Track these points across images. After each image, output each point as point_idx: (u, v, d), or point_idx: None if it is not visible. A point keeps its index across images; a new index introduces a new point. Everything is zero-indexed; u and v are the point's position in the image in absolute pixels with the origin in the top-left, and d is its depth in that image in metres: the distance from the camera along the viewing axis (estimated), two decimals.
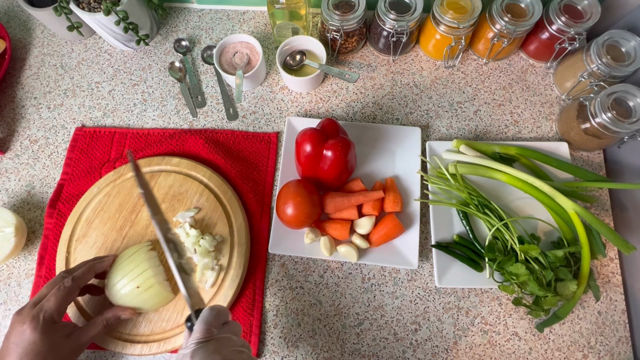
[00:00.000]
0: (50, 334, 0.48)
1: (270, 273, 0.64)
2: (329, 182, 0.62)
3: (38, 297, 0.50)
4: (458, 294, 0.62)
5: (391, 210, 0.63)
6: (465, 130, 0.71)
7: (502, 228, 0.59)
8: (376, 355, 0.60)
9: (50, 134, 0.74)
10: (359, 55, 0.78)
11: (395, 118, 0.73)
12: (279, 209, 0.60)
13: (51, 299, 0.49)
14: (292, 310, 0.62)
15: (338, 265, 0.64)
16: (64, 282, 0.50)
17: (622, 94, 0.59)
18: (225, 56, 0.73)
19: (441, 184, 0.64)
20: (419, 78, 0.75)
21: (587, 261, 0.56)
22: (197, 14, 0.83)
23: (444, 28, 0.68)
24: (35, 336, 0.46)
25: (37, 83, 0.78)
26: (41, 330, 0.47)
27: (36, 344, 0.46)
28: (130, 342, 0.59)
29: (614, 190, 0.66)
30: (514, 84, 0.74)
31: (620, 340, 0.60)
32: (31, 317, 0.47)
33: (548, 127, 0.71)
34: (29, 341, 0.46)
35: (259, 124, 0.73)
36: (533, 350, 0.59)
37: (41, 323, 0.47)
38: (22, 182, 0.71)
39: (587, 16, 0.65)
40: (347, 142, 0.58)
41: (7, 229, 0.63)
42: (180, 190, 0.67)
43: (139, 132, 0.73)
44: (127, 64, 0.79)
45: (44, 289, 0.50)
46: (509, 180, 0.61)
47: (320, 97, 0.75)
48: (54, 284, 0.51)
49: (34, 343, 0.46)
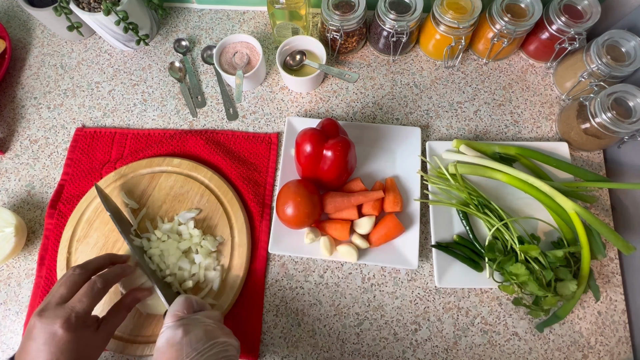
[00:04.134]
0: (82, 331, 0.48)
1: (270, 273, 0.64)
2: (329, 182, 0.62)
3: (59, 297, 0.49)
4: (458, 294, 0.62)
5: (391, 210, 0.63)
6: (465, 130, 0.71)
7: (502, 228, 0.59)
8: (376, 355, 0.60)
9: (50, 134, 0.74)
10: (359, 55, 0.78)
11: (395, 118, 0.73)
12: (279, 209, 0.60)
13: (84, 300, 0.49)
14: (292, 310, 0.62)
15: (338, 265, 0.64)
16: (97, 284, 0.50)
17: (622, 94, 0.59)
18: (225, 56, 0.73)
19: (441, 184, 0.64)
20: (419, 78, 0.75)
21: (587, 261, 0.56)
22: (197, 14, 0.83)
23: (444, 28, 0.68)
24: (69, 336, 0.46)
25: (37, 83, 0.78)
26: (74, 329, 0.47)
27: (71, 342, 0.46)
28: (132, 343, 0.59)
29: (614, 190, 0.66)
30: (514, 84, 0.74)
31: (620, 340, 0.60)
32: (63, 319, 0.46)
33: (548, 127, 0.71)
34: (63, 341, 0.46)
35: (259, 124, 0.73)
36: (533, 350, 0.59)
37: (74, 324, 0.47)
38: (22, 182, 0.71)
39: (587, 16, 0.65)
40: (347, 142, 0.58)
41: (7, 229, 0.63)
42: (181, 191, 0.67)
43: (140, 132, 0.73)
44: (127, 64, 0.79)
45: (61, 288, 0.49)
46: (509, 180, 0.61)
47: (320, 97, 0.75)
48: (73, 283, 0.50)
49: (69, 342, 0.46)
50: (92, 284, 0.50)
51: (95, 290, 0.50)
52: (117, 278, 0.54)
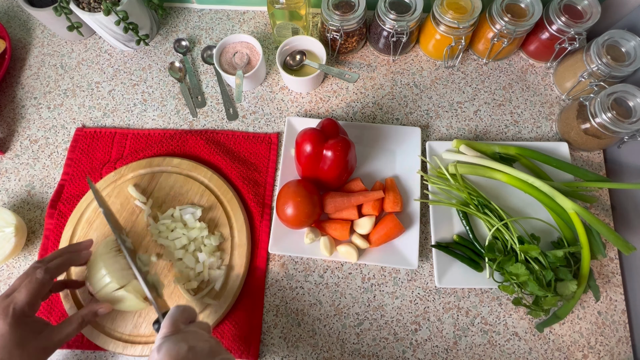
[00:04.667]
0: (19, 328, 0.45)
1: (270, 273, 0.64)
2: (329, 182, 0.62)
3: (10, 289, 0.47)
4: (458, 294, 0.62)
5: (391, 210, 0.63)
6: (465, 130, 0.71)
7: (502, 228, 0.59)
8: (376, 355, 0.60)
9: (50, 134, 0.74)
10: (359, 55, 0.78)
11: (395, 118, 0.73)
12: (279, 209, 0.61)
13: (22, 291, 0.46)
14: (292, 310, 0.62)
15: (338, 265, 0.64)
16: (36, 273, 0.48)
17: (622, 94, 0.59)
18: (225, 56, 0.73)
19: (441, 184, 0.64)
20: (419, 78, 0.75)
21: (587, 261, 0.56)
22: (197, 14, 0.83)
23: (444, 28, 0.68)
24: (3, 328, 0.44)
25: (37, 83, 0.78)
26: (10, 323, 0.45)
27: (3, 337, 0.44)
28: (131, 343, 0.59)
29: (614, 190, 0.66)
30: (514, 84, 0.74)
31: (620, 340, 0.60)
32: (1, 310, 0.45)
33: (548, 127, 0.71)
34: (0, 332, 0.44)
35: (259, 124, 0.73)
36: (533, 350, 0.59)
37: (10, 315, 0.45)
38: (22, 182, 0.71)
39: (587, 16, 0.65)
40: (347, 142, 0.58)
41: (7, 229, 0.63)
42: (181, 191, 0.67)
43: (140, 132, 0.73)
44: (127, 64, 0.79)
45: (17, 281, 0.48)
46: (509, 180, 0.61)
47: (320, 97, 0.75)
48: (27, 275, 0.48)
49: (5, 335, 0.44)
50: (30, 273, 0.48)
51: (35, 281, 0.47)
52: (62, 267, 0.51)
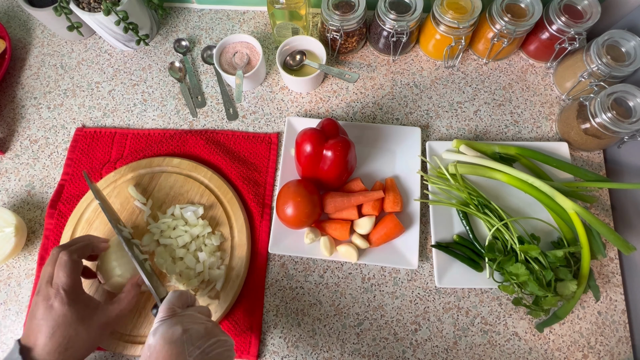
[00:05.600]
0: (76, 305, 0.48)
1: (270, 273, 0.64)
2: (329, 182, 0.62)
3: (47, 275, 0.49)
4: (458, 294, 0.62)
5: (391, 210, 0.63)
6: (465, 130, 0.71)
7: (502, 228, 0.59)
8: (376, 355, 0.60)
9: (50, 134, 0.74)
10: (359, 55, 0.78)
11: (395, 118, 0.73)
12: (279, 209, 0.60)
13: (60, 274, 0.49)
14: (292, 310, 0.62)
15: (338, 265, 0.64)
16: (63, 255, 0.50)
17: (622, 94, 0.59)
18: (225, 56, 0.73)
19: (441, 184, 0.64)
20: (419, 78, 0.75)
21: (587, 261, 0.56)
22: (197, 14, 0.83)
23: (444, 28, 0.68)
24: (64, 308, 0.47)
25: (37, 83, 0.78)
26: (67, 302, 0.47)
27: (66, 316, 0.47)
28: (132, 343, 0.59)
29: (614, 190, 0.66)
30: (514, 84, 0.74)
31: (620, 340, 0.60)
32: (54, 293, 0.47)
33: (548, 127, 0.71)
34: (57, 313, 0.47)
35: (259, 124, 0.73)
36: (533, 350, 0.59)
37: (64, 296, 0.47)
38: (22, 182, 0.71)
39: (587, 16, 0.65)
40: (347, 142, 0.58)
41: (7, 229, 0.63)
42: (181, 191, 0.67)
43: (140, 132, 0.73)
44: (127, 64, 0.79)
45: (47, 268, 0.50)
46: (509, 180, 0.61)
47: (320, 97, 0.75)
48: (53, 260, 0.50)
49: (64, 315, 0.47)
50: (56, 257, 0.50)
51: (66, 262, 0.49)
52: (85, 249, 0.53)
